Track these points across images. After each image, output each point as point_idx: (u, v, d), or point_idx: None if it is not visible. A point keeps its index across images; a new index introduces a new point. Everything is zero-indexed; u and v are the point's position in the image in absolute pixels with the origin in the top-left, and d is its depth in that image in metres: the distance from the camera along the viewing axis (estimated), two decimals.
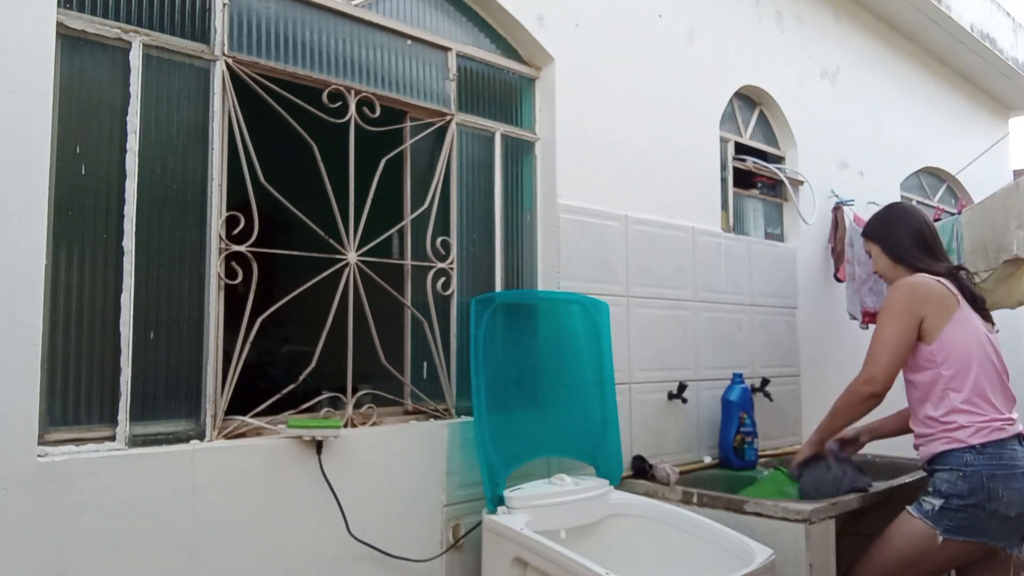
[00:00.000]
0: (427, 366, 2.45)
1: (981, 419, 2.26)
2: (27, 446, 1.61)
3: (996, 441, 2.24)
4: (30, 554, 1.60)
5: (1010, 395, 2.37)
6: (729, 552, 2.17)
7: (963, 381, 2.29)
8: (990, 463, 2.22)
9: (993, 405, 2.29)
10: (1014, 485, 2.20)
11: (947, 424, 2.30)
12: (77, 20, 1.78)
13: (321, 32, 2.25)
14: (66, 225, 1.75)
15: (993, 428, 2.26)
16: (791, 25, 3.93)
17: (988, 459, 2.22)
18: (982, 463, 2.22)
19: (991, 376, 2.33)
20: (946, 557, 2.27)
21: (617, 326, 2.79)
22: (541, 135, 2.80)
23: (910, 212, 2.58)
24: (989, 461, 2.22)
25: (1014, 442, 2.26)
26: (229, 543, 1.87)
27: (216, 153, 1.98)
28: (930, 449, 2.34)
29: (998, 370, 2.35)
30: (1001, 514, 2.20)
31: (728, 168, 3.56)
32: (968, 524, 2.21)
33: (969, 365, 2.29)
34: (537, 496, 2.28)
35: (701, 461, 3.13)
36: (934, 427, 2.33)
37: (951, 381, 2.29)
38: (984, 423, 2.26)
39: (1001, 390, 2.35)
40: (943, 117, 5.28)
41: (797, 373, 3.74)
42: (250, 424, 2.00)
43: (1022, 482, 2.21)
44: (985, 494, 2.19)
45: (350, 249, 2.27)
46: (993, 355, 2.36)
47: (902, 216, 2.56)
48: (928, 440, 2.35)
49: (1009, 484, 2.20)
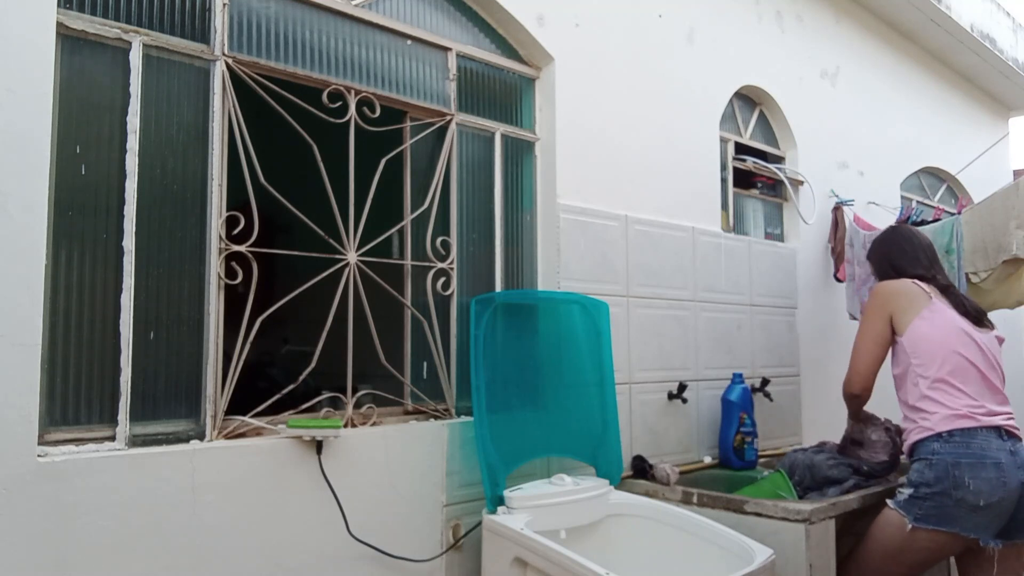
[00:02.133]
0: (427, 366, 2.45)
1: (947, 407, 2.28)
2: (27, 446, 1.61)
3: (964, 429, 2.24)
4: (30, 554, 1.60)
5: (995, 391, 2.37)
6: (729, 552, 2.17)
7: (928, 369, 2.33)
8: (956, 451, 2.22)
9: (965, 394, 2.29)
10: (981, 474, 2.19)
11: (919, 412, 2.35)
12: (77, 20, 1.78)
13: (321, 32, 2.25)
14: (66, 225, 1.75)
15: (960, 415, 2.26)
16: (791, 25, 3.93)
17: (955, 447, 2.23)
18: (948, 451, 2.23)
19: (966, 369, 2.33)
20: (921, 547, 2.27)
21: (617, 326, 2.79)
22: (541, 135, 2.80)
23: (898, 234, 2.73)
24: (955, 449, 2.23)
25: (988, 432, 2.25)
26: (229, 543, 1.87)
27: (216, 153, 1.98)
28: (908, 440, 2.41)
29: (978, 366, 2.35)
30: (969, 503, 2.19)
31: (728, 168, 3.56)
32: (936, 513, 2.22)
33: (936, 355, 2.33)
34: (537, 496, 2.28)
35: (701, 461, 3.13)
36: (910, 417, 2.39)
37: (919, 368, 2.35)
38: (951, 411, 2.27)
39: (982, 384, 2.34)
40: (943, 117, 5.28)
41: (797, 373, 3.74)
42: (250, 424, 2.00)
43: (992, 472, 2.20)
44: (951, 482, 2.20)
45: (350, 249, 2.27)
46: (976, 353, 2.37)
47: (889, 239, 2.72)
48: (907, 431, 2.42)
49: (976, 473, 2.19)
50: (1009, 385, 2.47)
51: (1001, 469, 2.21)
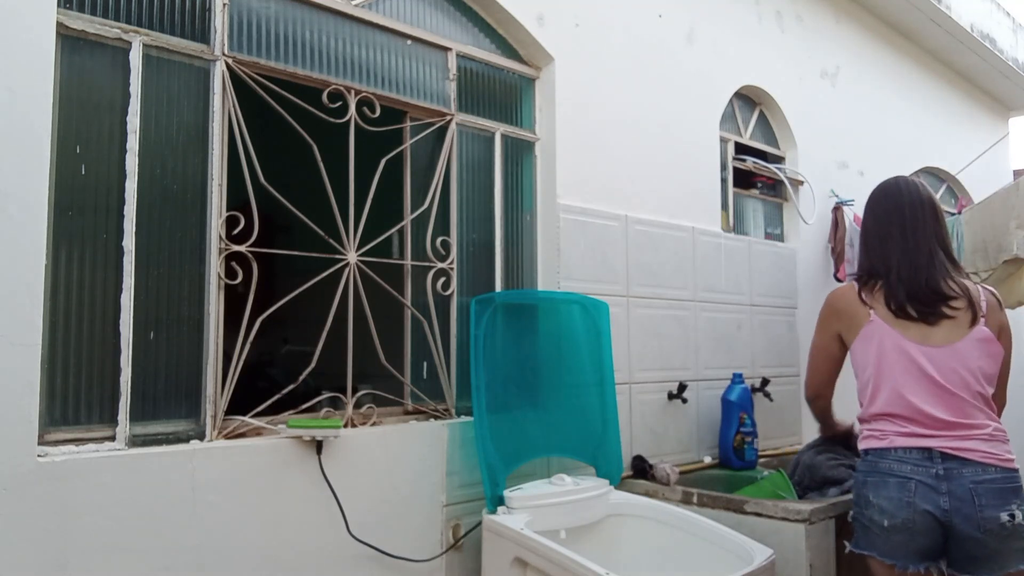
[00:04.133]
0: (427, 366, 2.45)
1: (867, 427, 2.19)
2: (27, 446, 1.61)
3: (876, 449, 2.12)
4: (30, 554, 1.60)
5: (953, 408, 2.07)
6: (729, 552, 2.17)
7: (863, 391, 2.21)
8: (866, 470, 2.13)
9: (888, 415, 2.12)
10: (883, 492, 2.06)
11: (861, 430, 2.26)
12: (77, 20, 1.78)
13: (321, 32, 2.25)
14: (66, 225, 1.75)
15: (871, 435, 2.15)
16: (791, 25, 3.93)
17: (867, 467, 2.14)
18: (861, 470, 2.15)
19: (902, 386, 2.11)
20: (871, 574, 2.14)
21: (617, 326, 2.79)
22: (541, 135, 2.80)
23: (886, 194, 2.30)
24: (867, 468, 2.13)
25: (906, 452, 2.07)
26: (229, 543, 1.87)
27: (216, 153, 1.98)
28: None
29: (919, 380, 2.10)
30: (877, 523, 2.06)
31: (728, 168, 3.56)
32: (861, 536, 2.13)
33: (870, 375, 2.17)
34: (537, 496, 2.28)
35: (701, 461, 3.13)
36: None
37: (862, 387, 2.22)
38: (869, 430, 2.17)
39: (930, 402, 2.08)
40: (943, 117, 5.28)
41: (797, 373, 3.74)
42: (250, 424, 2.00)
43: (895, 490, 2.04)
44: (862, 503, 2.11)
45: (350, 249, 2.27)
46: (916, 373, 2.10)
47: (877, 200, 2.32)
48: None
49: (879, 492, 2.07)
50: (1010, 385, 2.39)
51: (906, 488, 2.03)
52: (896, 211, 2.25)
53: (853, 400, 2.31)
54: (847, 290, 2.31)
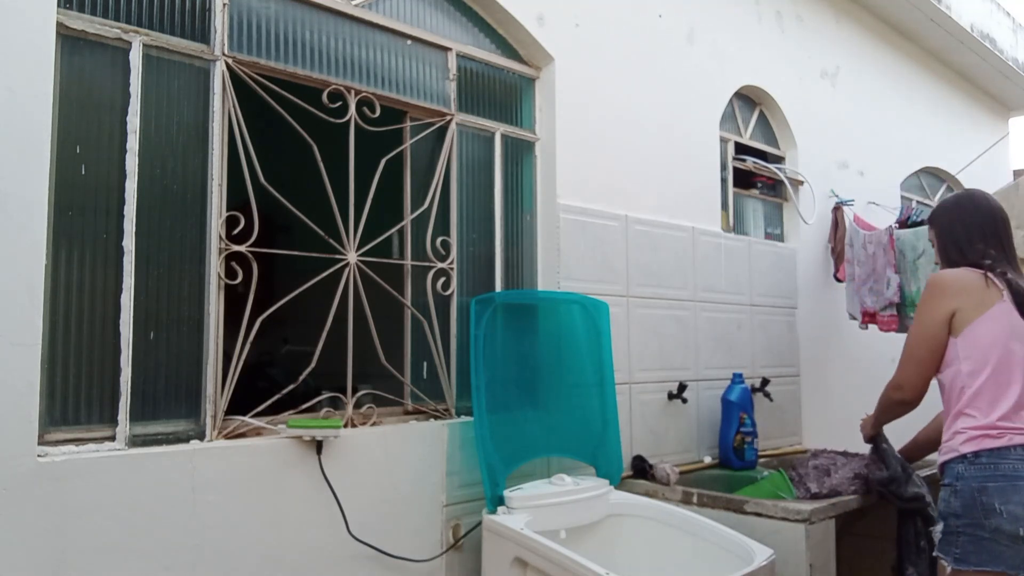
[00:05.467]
0: (427, 366, 2.45)
1: (975, 424, 2.00)
2: (27, 446, 1.61)
3: (991, 450, 1.96)
4: (30, 554, 1.60)
5: None
6: (729, 552, 2.17)
7: (975, 379, 2.02)
8: (982, 474, 1.95)
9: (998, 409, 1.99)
10: (1015, 498, 1.89)
11: (953, 430, 2.06)
12: (77, 20, 1.78)
13: (321, 32, 2.25)
14: (66, 225, 1.75)
15: (986, 435, 1.98)
16: (791, 25, 3.93)
17: (980, 470, 1.95)
18: (973, 474, 1.96)
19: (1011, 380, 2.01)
20: None
21: (617, 326, 2.79)
22: (541, 135, 2.80)
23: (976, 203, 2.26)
24: (981, 472, 1.95)
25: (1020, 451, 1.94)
26: (229, 543, 1.87)
27: (216, 153, 1.98)
28: (940, 461, 2.12)
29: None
30: (1007, 533, 1.88)
31: (728, 168, 3.56)
32: (975, 549, 1.91)
33: (986, 363, 2.02)
34: (537, 496, 2.28)
35: (701, 461, 3.13)
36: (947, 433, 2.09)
37: (967, 378, 2.03)
38: (978, 429, 1.99)
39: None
40: (943, 117, 5.28)
41: (797, 373, 3.74)
42: (250, 424, 2.00)
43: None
44: (981, 511, 1.92)
45: (350, 249, 2.27)
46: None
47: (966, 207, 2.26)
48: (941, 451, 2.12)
49: (1008, 497, 1.90)
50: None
51: None
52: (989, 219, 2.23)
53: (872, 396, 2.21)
54: (963, 271, 2.13)
